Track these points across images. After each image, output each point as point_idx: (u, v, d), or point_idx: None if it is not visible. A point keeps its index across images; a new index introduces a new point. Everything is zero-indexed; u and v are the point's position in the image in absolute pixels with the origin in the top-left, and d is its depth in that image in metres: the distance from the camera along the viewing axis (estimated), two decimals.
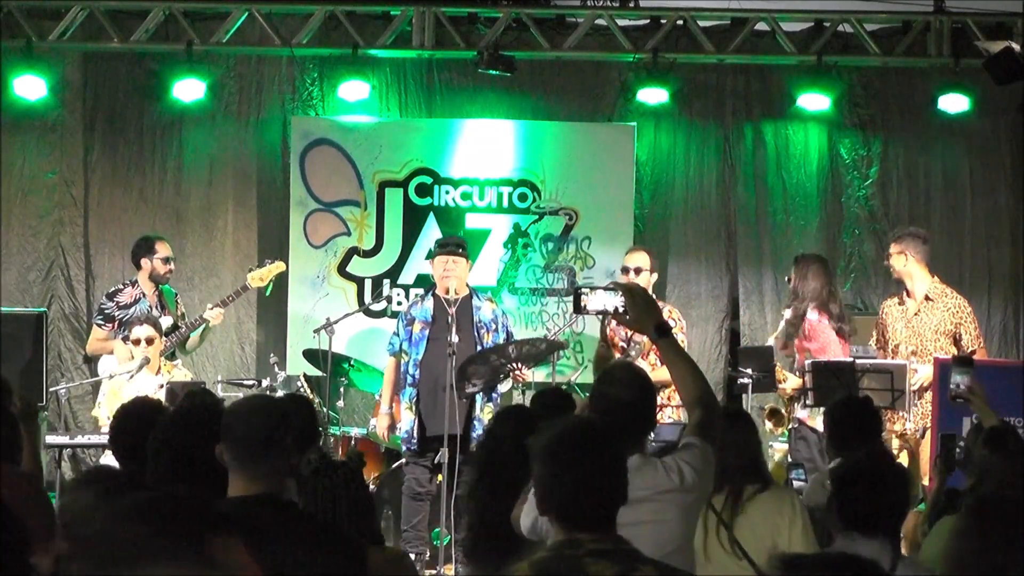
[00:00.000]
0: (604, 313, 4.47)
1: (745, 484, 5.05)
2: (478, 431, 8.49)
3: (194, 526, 2.04)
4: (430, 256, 9.26)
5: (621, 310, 4.33)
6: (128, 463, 4.70)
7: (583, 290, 4.42)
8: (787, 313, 9.01)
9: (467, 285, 9.12)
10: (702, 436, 4.11)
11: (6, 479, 4.31)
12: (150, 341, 8.84)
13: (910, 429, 8.46)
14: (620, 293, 4.36)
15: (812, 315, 8.86)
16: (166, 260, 9.56)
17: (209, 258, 10.88)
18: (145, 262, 9.55)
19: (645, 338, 6.08)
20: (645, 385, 4.27)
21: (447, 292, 8.83)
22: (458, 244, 9.18)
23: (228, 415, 3.78)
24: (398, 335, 9.10)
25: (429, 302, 9.07)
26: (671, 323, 8.71)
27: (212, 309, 9.47)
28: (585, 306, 4.41)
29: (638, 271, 9.00)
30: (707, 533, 4.79)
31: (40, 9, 10.60)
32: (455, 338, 8.63)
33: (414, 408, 8.88)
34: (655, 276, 9.18)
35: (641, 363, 8.84)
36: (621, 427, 3.56)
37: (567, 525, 3.25)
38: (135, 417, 4.75)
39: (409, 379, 8.96)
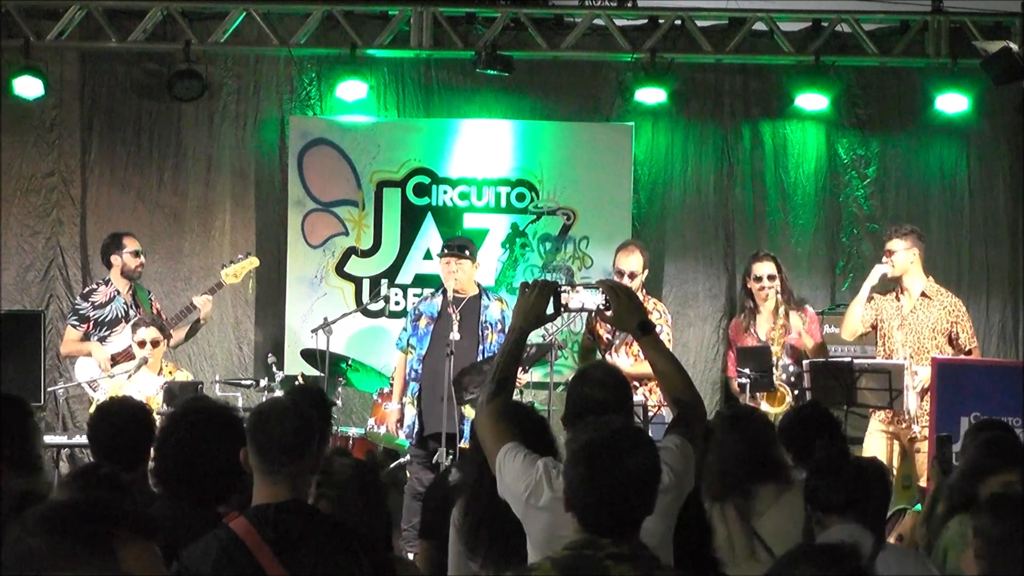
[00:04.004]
0: (585, 311, 4.44)
1: (753, 484, 4.99)
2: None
3: (101, 532, 2.04)
4: (440, 255, 9.31)
5: (603, 308, 4.31)
6: (107, 462, 4.71)
7: (564, 288, 4.35)
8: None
9: (477, 284, 9.18)
10: (683, 434, 4.09)
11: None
12: (155, 343, 8.84)
13: (918, 433, 8.39)
14: (602, 291, 4.34)
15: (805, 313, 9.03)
16: (135, 254, 9.50)
17: (207, 258, 10.85)
18: (115, 258, 9.51)
19: None
20: (620, 384, 4.27)
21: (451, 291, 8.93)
22: (461, 246, 9.21)
23: (256, 418, 3.63)
24: (406, 330, 9.23)
25: (438, 298, 9.16)
26: (655, 315, 8.83)
27: (200, 296, 9.48)
28: (566, 304, 4.35)
29: (632, 276, 8.97)
30: (731, 535, 4.78)
31: (38, 9, 10.59)
32: (455, 336, 8.65)
33: (416, 404, 9.01)
34: (646, 272, 9.18)
35: (622, 357, 8.88)
36: None
37: (591, 528, 3.26)
38: (116, 416, 4.76)
39: (413, 374, 9.09)
